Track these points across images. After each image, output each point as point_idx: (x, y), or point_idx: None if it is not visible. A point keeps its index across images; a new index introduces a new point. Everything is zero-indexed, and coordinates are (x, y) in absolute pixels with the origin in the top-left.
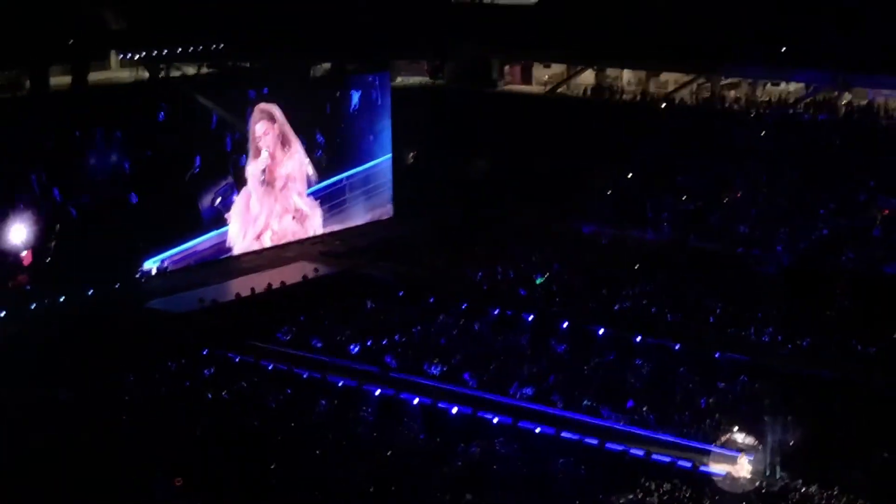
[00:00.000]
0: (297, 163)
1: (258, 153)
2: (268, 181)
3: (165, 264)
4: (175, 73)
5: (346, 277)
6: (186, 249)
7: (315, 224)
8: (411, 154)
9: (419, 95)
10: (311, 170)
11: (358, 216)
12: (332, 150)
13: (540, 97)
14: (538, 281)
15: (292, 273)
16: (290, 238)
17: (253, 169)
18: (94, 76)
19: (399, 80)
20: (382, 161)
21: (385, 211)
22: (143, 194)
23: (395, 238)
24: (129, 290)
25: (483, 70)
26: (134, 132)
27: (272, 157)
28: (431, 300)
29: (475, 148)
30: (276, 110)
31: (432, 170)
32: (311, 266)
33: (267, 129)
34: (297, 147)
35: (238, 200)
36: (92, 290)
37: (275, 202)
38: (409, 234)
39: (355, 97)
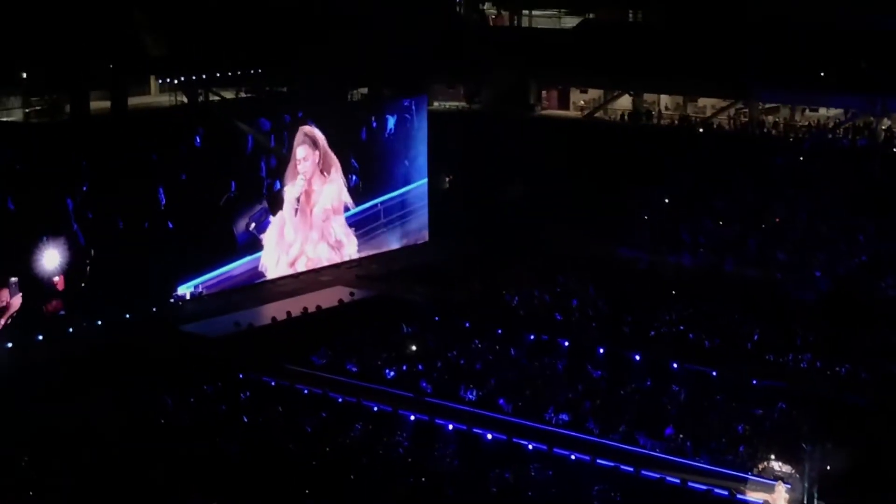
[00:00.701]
0: (335, 190)
1: (295, 177)
2: (303, 208)
3: (200, 289)
4: (213, 98)
5: (382, 301)
6: (221, 274)
7: (350, 249)
8: (447, 179)
9: (455, 120)
10: (347, 196)
11: (393, 240)
12: (367, 174)
13: (577, 122)
14: None
15: (328, 297)
16: (324, 263)
17: (289, 195)
18: (134, 101)
19: (435, 104)
20: (418, 186)
21: (420, 235)
22: (178, 219)
23: (430, 262)
24: (165, 315)
25: (520, 94)
26: (171, 156)
27: (309, 182)
28: (467, 325)
29: (511, 173)
30: (318, 135)
31: (468, 194)
32: (347, 290)
33: (308, 153)
34: (336, 173)
35: (272, 226)
36: (128, 315)
37: (310, 230)
38: (444, 258)
39: (391, 122)
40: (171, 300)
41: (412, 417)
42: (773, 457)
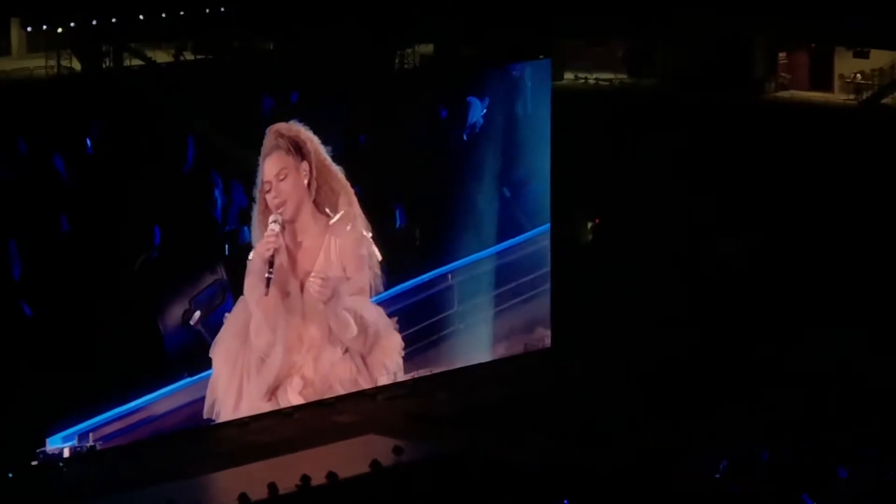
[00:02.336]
0: (349, 240)
1: (265, 222)
2: (284, 280)
3: (91, 440)
4: (129, 63)
5: (459, 466)
6: (133, 410)
7: (387, 355)
8: (591, 225)
9: (607, 106)
10: (377, 255)
11: (479, 346)
12: (425, 215)
13: (845, 112)
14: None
15: (348, 457)
16: (340, 390)
17: (257, 259)
18: None
19: (568, 76)
20: (531, 237)
21: (535, 337)
22: (49, 301)
23: (554, 387)
24: (29, 487)
25: (736, 61)
26: (40, 174)
27: (294, 229)
28: None
29: (722, 214)
30: (305, 136)
31: (632, 254)
32: (389, 442)
33: (285, 167)
34: (348, 208)
35: (228, 328)
36: None
37: (303, 317)
38: (581, 378)
39: (478, 109)
40: (36, 460)
41: None
42: None
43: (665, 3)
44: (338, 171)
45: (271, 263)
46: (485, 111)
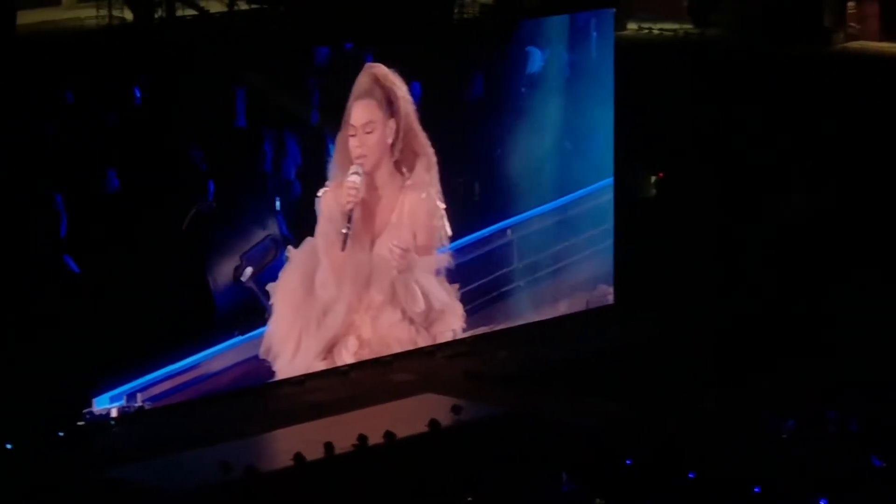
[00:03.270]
0: (423, 201)
1: (345, 168)
2: (357, 235)
3: (140, 400)
4: (182, 13)
5: (519, 426)
6: (183, 369)
7: (452, 320)
8: (654, 178)
9: (671, 58)
10: (443, 215)
11: (540, 303)
12: (489, 171)
13: None
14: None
15: (406, 416)
16: (398, 348)
17: (328, 206)
18: (28, 17)
19: (632, 27)
20: (593, 191)
21: (597, 294)
22: (96, 256)
23: (616, 346)
24: (77, 447)
25: (804, 10)
26: (89, 126)
27: (371, 181)
28: (691, 476)
29: (788, 170)
30: (399, 85)
31: (698, 210)
32: (447, 401)
33: (374, 118)
34: (427, 168)
35: (289, 273)
36: (10, 446)
37: (368, 281)
38: (644, 338)
39: (538, 60)
40: (84, 420)
41: None
42: None
43: None
44: (423, 136)
45: (350, 218)
46: (545, 62)
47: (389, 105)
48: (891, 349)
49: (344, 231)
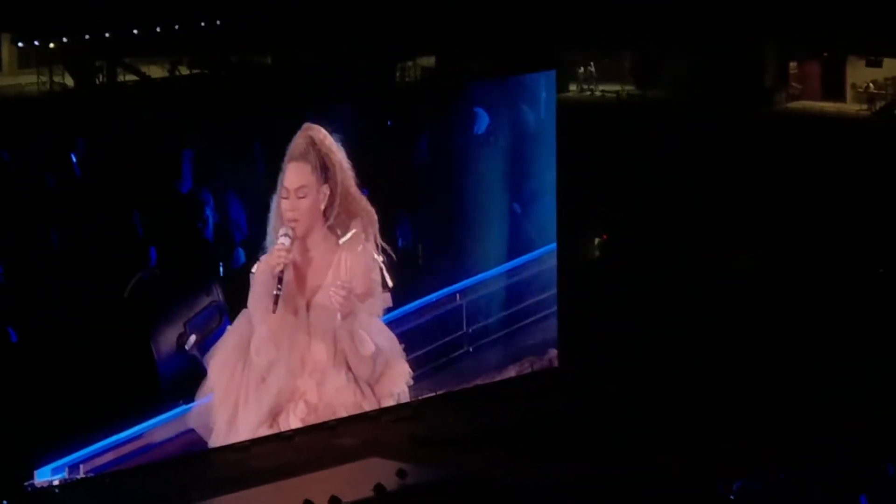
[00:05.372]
0: (361, 262)
1: (276, 234)
2: (292, 298)
3: (81, 472)
4: (124, 78)
5: (464, 491)
6: (126, 439)
7: (395, 383)
8: (598, 240)
9: (614, 121)
10: (384, 277)
11: (485, 366)
12: (431, 233)
13: (859, 123)
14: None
15: (353, 479)
16: (343, 412)
17: (265, 272)
18: None
19: (573, 89)
20: (537, 256)
21: (544, 356)
22: (31, 327)
23: (562, 410)
24: None
25: (746, 72)
26: (30, 191)
27: (303, 244)
28: None
29: (733, 229)
30: (334, 148)
31: (644, 271)
32: (393, 466)
33: (308, 182)
34: (363, 229)
35: (230, 340)
36: None
37: (308, 339)
38: (590, 401)
39: (482, 122)
40: (28, 488)
41: None
42: None
43: (674, 14)
44: (363, 199)
45: (280, 279)
46: (489, 124)
47: (324, 171)
48: (843, 410)
49: (275, 293)
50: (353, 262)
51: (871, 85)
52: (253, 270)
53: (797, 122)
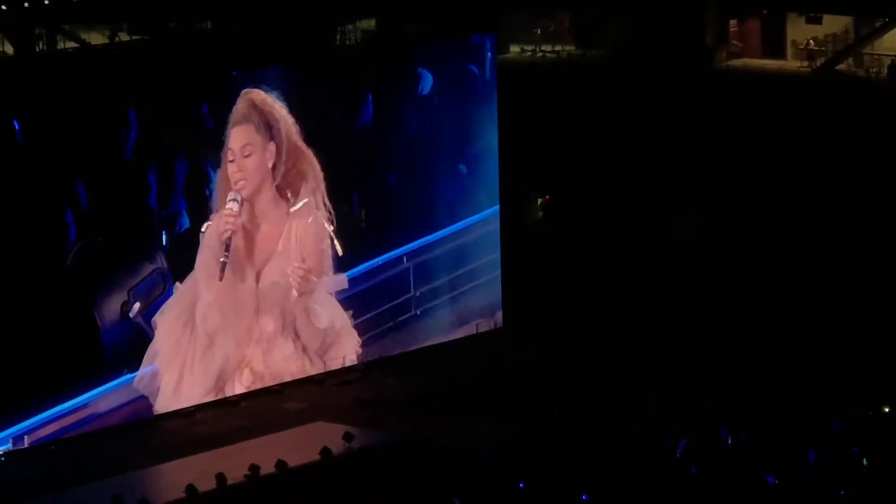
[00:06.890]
0: (311, 226)
1: (224, 201)
2: (240, 264)
3: (26, 443)
4: (64, 45)
5: (409, 453)
6: (71, 409)
7: (343, 347)
8: (540, 201)
9: (556, 81)
10: (334, 241)
11: (432, 330)
12: (378, 197)
13: (799, 79)
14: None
15: (299, 445)
16: (289, 377)
17: (213, 237)
18: None
19: (515, 50)
20: (483, 219)
21: (488, 318)
22: None
23: (506, 372)
24: None
25: (686, 30)
26: None
27: (251, 207)
28: (584, 497)
29: (676, 187)
30: (278, 109)
31: (584, 232)
32: (338, 429)
33: (252, 142)
34: (312, 192)
35: (175, 306)
36: None
37: (255, 310)
38: (534, 363)
39: (426, 84)
40: None
41: None
42: None
43: None
44: (309, 154)
45: (227, 246)
46: (433, 85)
47: (269, 128)
48: (781, 370)
49: (222, 260)
50: (304, 232)
51: (811, 42)
52: (203, 230)
53: (738, 79)
